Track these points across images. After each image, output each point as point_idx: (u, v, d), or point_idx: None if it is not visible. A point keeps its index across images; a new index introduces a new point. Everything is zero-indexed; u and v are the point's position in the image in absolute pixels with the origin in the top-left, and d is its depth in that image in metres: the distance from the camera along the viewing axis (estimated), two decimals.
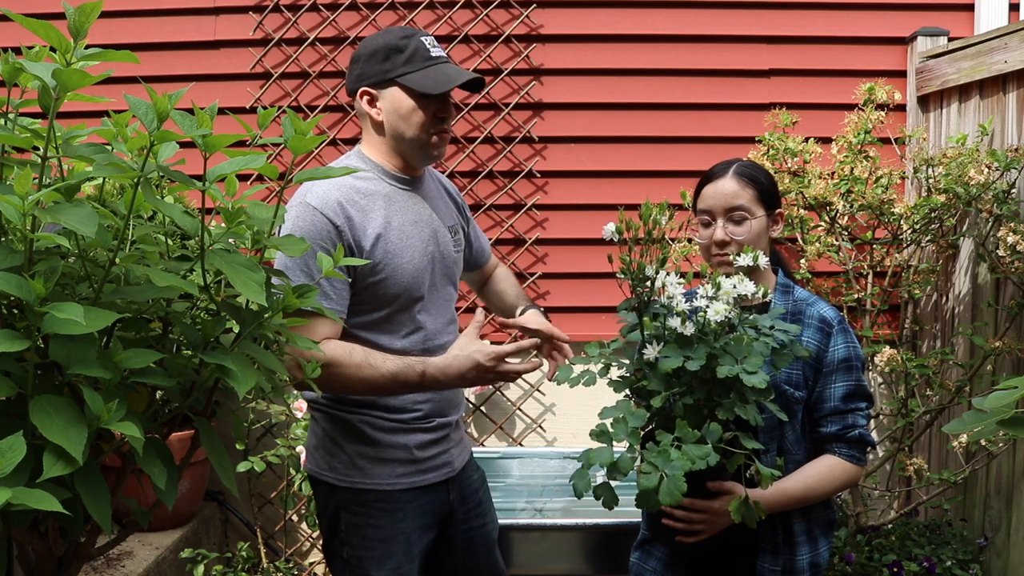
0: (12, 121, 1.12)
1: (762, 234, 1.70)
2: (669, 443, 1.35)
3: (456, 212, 1.91)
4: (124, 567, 2.57)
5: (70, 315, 0.94)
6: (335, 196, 1.65)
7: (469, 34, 3.14)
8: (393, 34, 1.70)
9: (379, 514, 1.74)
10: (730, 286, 1.41)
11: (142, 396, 1.20)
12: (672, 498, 1.29)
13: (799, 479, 1.65)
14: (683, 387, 1.41)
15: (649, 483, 1.31)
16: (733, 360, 1.37)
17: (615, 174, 3.18)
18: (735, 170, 1.71)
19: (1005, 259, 2.48)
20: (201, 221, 1.15)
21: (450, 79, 1.67)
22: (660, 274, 1.44)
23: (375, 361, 1.64)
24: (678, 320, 1.41)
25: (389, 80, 1.68)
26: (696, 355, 1.37)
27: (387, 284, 1.68)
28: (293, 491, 3.07)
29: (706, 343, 1.39)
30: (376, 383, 1.64)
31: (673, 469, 1.31)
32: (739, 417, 1.39)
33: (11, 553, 1.18)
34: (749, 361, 1.36)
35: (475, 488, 1.92)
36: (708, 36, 3.18)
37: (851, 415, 1.66)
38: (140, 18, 3.17)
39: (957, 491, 2.90)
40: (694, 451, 1.33)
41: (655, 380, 1.42)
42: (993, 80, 2.75)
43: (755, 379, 1.34)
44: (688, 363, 1.37)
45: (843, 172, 2.81)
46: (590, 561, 2.51)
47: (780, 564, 1.67)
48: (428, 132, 1.70)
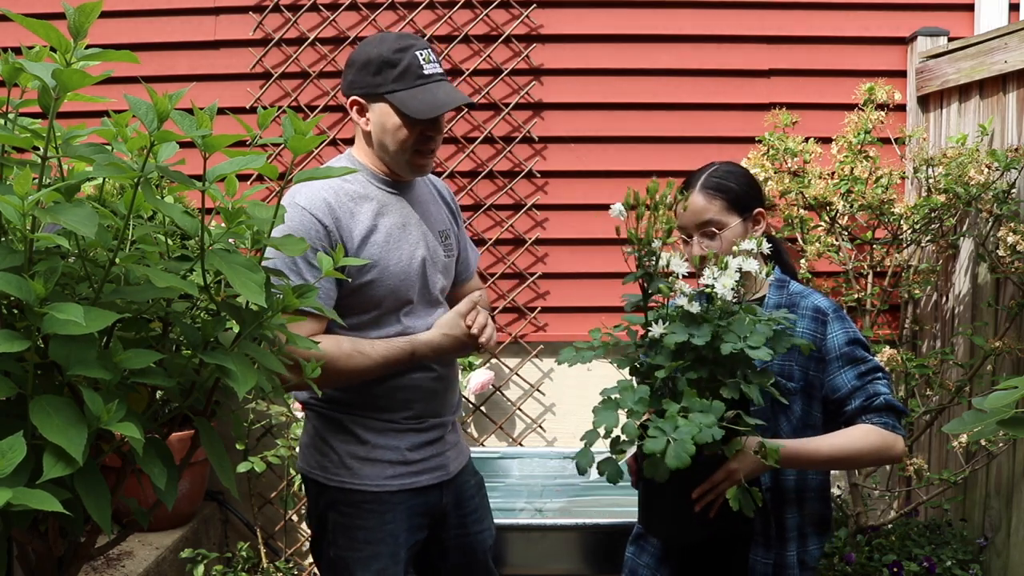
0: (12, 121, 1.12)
1: (739, 241, 1.69)
2: (676, 411, 1.37)
3: (448, 216, 1.90)
4: (124, 567, 2.57)
5: (70, 315, 0.94)
6: (323, 196, 1.65)
7: (469, 34, 3.13)
8: (388, 45, 1.67)
9: (367, 515, 1.74)
10: (735, 263, 1.47)
11: (142, 396, 1.20)
12: (679, 460, 1.31)
13: (828, 439, 1.62)
14: (687, 363, 1.45)
15: (656, 446, 1.33)
16: (736, 337, 1.40)
17: (615, 174, 3.18)
18: (702, 183, 1.71)
19: (1005, 259, 2.48)
20: (201, 221, 1.15)
21: (438, 104, 1.66)
22: (665, 255, 1.48)
23: (364, 348, 1.66)
24: (684, 298, 1.45)
25: (378, 95, 1.67)
26: (701, 332, 1.41)
27: (375, 286, 1.68)
28: (293, 491, 3.08)
29: (710, 321, 1.44)
30: (368, 369, 1.66)
31: (680, 434, 1.33)
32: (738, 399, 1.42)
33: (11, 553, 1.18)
34: (752, 338, 1.40)
35: (471, 494, 1.91)
36: (708, 36, 3.17)
37: (871, 385, 1.64)
38: (140, 18, 3.17)
39: (957, 491, 2.90)
40: (701, 419, 1.35)
41: (661, 355, 1.45)
42: (993, 80, 2.75)
43: (760, 353, 1.39)
44: (693, 338, 1.40)
45: (843, 172, 2.81)
46: (589, 561, 2.51)
47: (772, 557, 1.67)
48: (413, 150, 1.70)
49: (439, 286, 1.81)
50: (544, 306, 3.21)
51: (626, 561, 1.83)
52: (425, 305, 1.77)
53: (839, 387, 1.65)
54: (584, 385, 3.22)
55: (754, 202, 1.73)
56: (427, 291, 1.77)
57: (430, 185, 1.89)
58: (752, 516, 1.45)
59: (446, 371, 1.82)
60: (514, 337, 3.18)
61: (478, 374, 3.05)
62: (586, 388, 3.22)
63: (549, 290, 3.22)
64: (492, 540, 1.95)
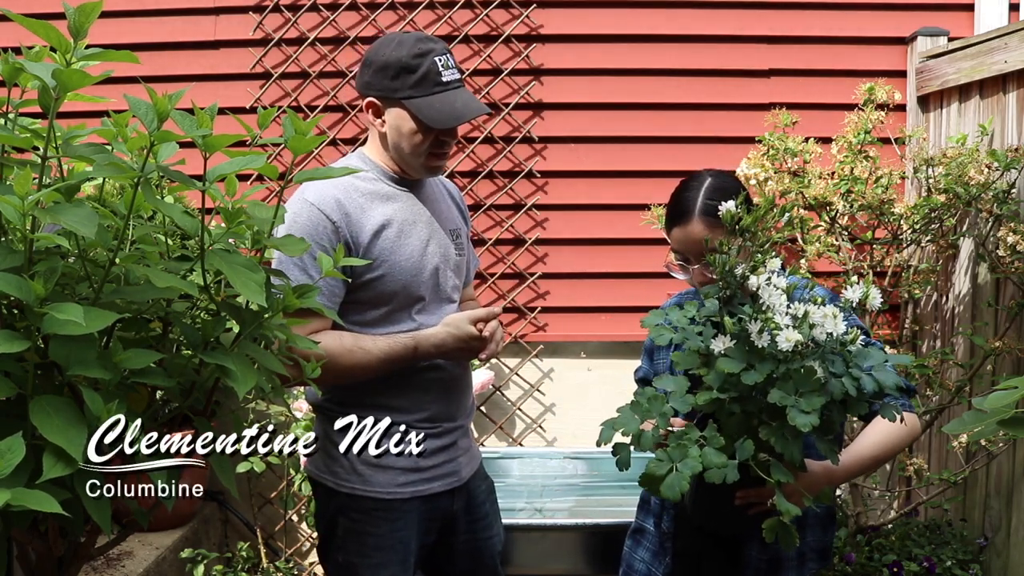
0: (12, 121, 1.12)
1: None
2: (693, 439, 1.32)
3: (459, 216, 1.89)
4: (124, 567, 2.57)
5: (70, 315, 0.94)
6: (333, 193, 1.65)
7: (469, 34, 3.13)
8: (407, 49, 1.65)
9: (378, 522, 1.72)
10: (819, 318, 1.28)
11: (142, 396, 1.20)
12: (672, 493, 1.28)
13: (867, 440, 1.59)
14: (736, 392, 1.32)
15: (658, 470, 1.30)
16: (793, 389, 1.26)
17: (615, 174, 3.18)
18: (700, 210, 1.62)
19: (1005, 259, 2.48)
20: (201, 221, 1.15)
21: (456, 114, 1.66)
22: (760, 276, 1.33)
23: (365, 344, 1.64)
24: (756, 326, 1.29)
25: (395, 99, 1.66)
26: (760, 368, 1.27)
27: (385, 281, 1.67)
28: (293, 491, 3.08)
29: (773, 359, 1.28)
30: (368, 365, 1.63)
31: (684, 467, 1.29)
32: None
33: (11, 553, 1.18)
34: (808, 399, 1.24)
35: (482, 499, 1.88)
36: (708, 36, 3.17)
37: None
38: (140, 18, 3.17)
39: (957, 491, 2.90)
40: (712, 456, 1.29)
41: (713, 374, 1.34)
42: (993, 80, 2.75)
43: (801, 419, 1.23)
44: (745, 374, 1.28)
45: (843, 172, 2.81)
46: (590, 561, 2.51)
47: (768, 554, 1.66)
48: (427, 154, 1.70)
49: (451, 283, 1.80)
50: (544, 306, 3.21)
51: (623, 554, 1.84)
52: (438, 302, 1.76)
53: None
54: (584, 385, 3.22)
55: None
56: (439, 288, 1.76)
57: (440, 184, 1.89)
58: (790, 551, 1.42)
59: (460, 372, 1.80)
60: (514, 337, 3.18)
61: (478, 374, 3.05)
62: (586, 388, 3.23)
63: (549, 290, 3.22)
64: (501, 546, 1.93)
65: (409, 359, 1.68)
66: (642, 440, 1.34)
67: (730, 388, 1.32)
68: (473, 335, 1.70)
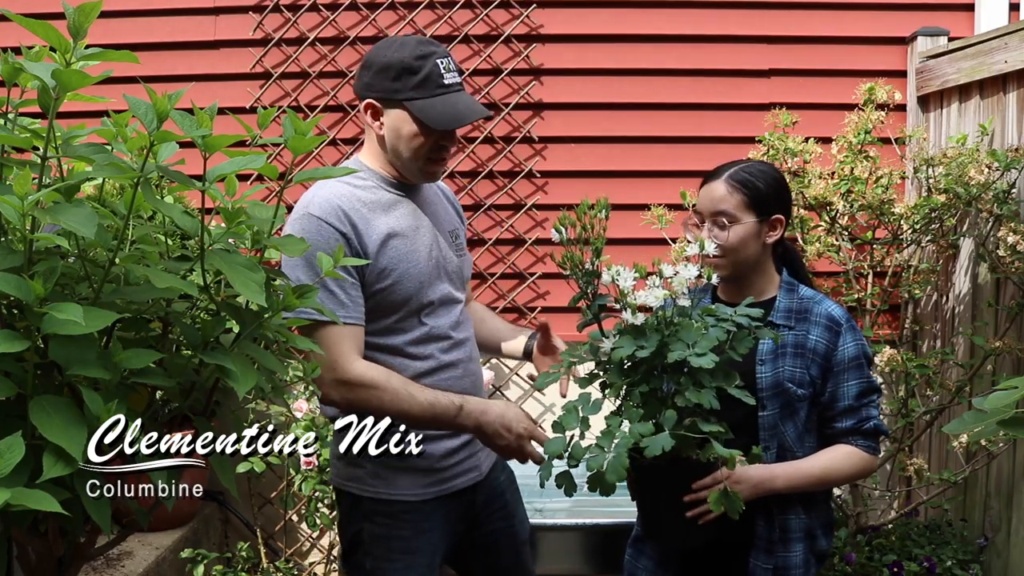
0: (12, 121, 1.12)
1: (749, 240, 1.68)
2: (617, 425, 1.38)
3: (456, 217, 1.89)
4: (124, 567, 2.57)
5: (70, 315, 0.94)
6: (338, 204, 1.63)
7: (469, 34, 3.13)
8: (409, 51, 1.64)
9: (404, 525, 1.71)
10: (671, 271, 1.44)
11: (142, 396, 1.20)
12: (617, 475, 1.33)
13: (818, 460, 1.67)
14: (640, 376, 1.44)
15: (596, 463, 1.35)
16: (685, 346, 1.39)
17: (615, 174, 3.18)
18: (730, 174, 1.70)
19: (1005, 259, 2.48)
20: (201, 221, 1.15)
21: (458, 116, 1.64)
22: (612, 268, 1.46)
23: (413, 390, 1.63)
24: (628, 312, 1.43)
25: (396, 101, 1.65)
26: (648, 343, 1.40)
27: (395, 290, 1.67)
28: (293, 491, 3.07)
29: (658, 331, 1.42)
30: (411, 413, 1.61)
31: (616, 448, 1.35)
32: (718, 405, 1.40)
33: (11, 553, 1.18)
34: (699, 345, 1.38)
35: (501, 490, 1.89)
36: (708, 36, 3.17)
37: (864, 409, 1.68)
38: (140, 18, 3.17)
39: (957, 491, 2.90)
40: (638, 428, 1.36)
41: (613, 372, 1.46)
42: (993, 80, 2.75)
43: (702, 360, 1.37)
44: (639, 351, 1.40)
45: (843, 172, 2.81)
46: (589, 561, 2.51)
47: (773, 562, 1.67)
48: (427, 158, 1.68)
49: (455, 285, 1.80)
50: (544, 306, 3.21)
51: (625, 564, 1.83)
52: (444, 304, 1.76)
53: (838, 400, 1.68)
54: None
55: (776, 207, 1.70)
56: (445, 291, 1.76)
57: (435, 186, 1.89)
58: (736, 519, 1.44)
59: (475, 369, 1.81)
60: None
61: None
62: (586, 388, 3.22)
63: (549, 290, 3.22)
64: (527, 533, 1.93)
65: (452, 416, 1.65)
66: (573, 451, 1.41)
67: (633, 374, 1.44)
68: (523, 435, 1.67)
